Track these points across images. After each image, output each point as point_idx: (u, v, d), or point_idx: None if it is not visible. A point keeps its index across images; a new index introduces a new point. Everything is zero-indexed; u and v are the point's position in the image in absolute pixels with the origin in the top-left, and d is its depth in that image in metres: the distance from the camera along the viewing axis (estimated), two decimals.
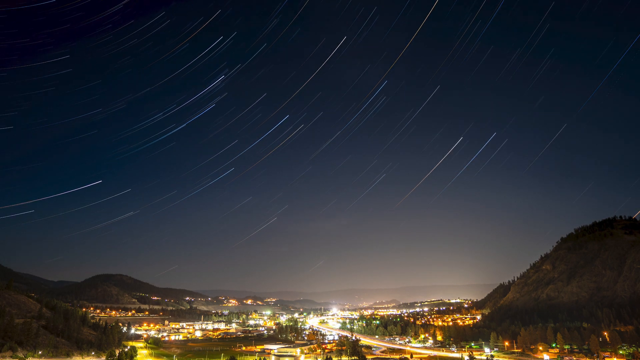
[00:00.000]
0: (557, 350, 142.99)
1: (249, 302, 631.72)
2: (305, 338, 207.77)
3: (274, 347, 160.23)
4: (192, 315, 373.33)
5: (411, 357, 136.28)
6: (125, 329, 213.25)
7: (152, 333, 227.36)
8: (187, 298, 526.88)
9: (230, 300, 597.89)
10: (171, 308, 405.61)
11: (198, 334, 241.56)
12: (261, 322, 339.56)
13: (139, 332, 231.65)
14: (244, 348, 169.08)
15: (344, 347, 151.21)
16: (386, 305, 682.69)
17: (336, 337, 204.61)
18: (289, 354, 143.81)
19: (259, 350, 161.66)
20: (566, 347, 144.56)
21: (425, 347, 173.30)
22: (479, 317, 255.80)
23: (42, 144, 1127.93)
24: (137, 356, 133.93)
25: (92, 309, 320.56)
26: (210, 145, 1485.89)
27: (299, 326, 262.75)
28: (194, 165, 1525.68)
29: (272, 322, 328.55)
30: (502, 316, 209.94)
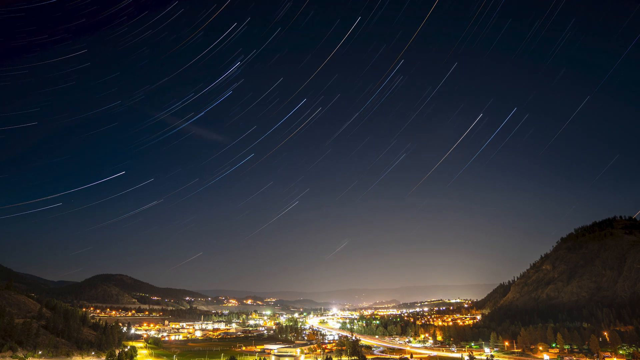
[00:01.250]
0: (557, 350, 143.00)
1: (249, 302, 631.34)
2: (305, 338, 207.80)
3: (274, 347, 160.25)
4: (192, 315, 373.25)
5: (411, 357, 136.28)
6: (125, 329, 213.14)
7: (152, 333, 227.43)
8: (187, 298, 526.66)
9: (230, 300, 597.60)
10: (171, 308, 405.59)
11: (198, 334, 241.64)
12: (261, 322, 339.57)
13: (139, 332, 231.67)
14: (244, 348, 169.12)
15: (344, 347, 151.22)
16: (386, 305, 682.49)
17: (336, 337, 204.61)
18: (289, 354, 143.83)
19: (259, 350, 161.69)
20: (566, 347, 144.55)
21: (425, 347, 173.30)
22: (479, 317, 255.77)
23: (65, 138, 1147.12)
24: (137, 356, 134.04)
25: (92, 309, 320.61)
26: (229, 132, 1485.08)
27: (299, 326, 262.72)
28: (214, 153, 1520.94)
29: (272, 322, 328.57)
30: (502, 316, 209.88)
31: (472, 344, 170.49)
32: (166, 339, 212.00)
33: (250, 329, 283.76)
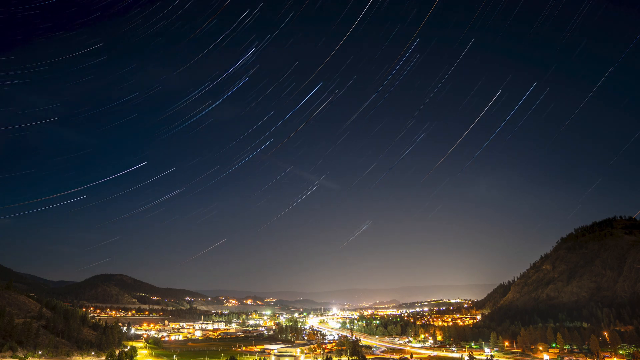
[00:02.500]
0: (557, 350, 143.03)
1: (249, 302, 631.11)
2: (305, 338, 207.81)
3: (274, 347, 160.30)
4: (192, 315, 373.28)
5: (411, 357, 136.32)
6: (125, 329, 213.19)
7: (152, 333, 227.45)
8: (187, 298, 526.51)
9: (230, 300, 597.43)
10: (171, 308, 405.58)
11: (198, 334, 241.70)
12: (261, 322, 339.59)
13: (139, 332, 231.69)
14: (244, 348, 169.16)
15: (344, 347, 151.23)
16: (386, 305, 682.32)
17: (336, 337, 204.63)
18: (289, 354, 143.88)
19: (259, 350, 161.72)
20: (566, 347, 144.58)
21: (425, 347, 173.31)
22: (479, 317, 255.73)
23: (87, 131, 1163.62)
24: (137, 356, 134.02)
25: (92, 309, 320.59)
26: (247, 119, 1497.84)
27: (299, 326, 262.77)
28: (233, 140, 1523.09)
29: (272, 322, 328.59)
30: (502, 316, 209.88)
31: (472, 344, 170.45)
32: (166, 339, 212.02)
33: (250, 329, 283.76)
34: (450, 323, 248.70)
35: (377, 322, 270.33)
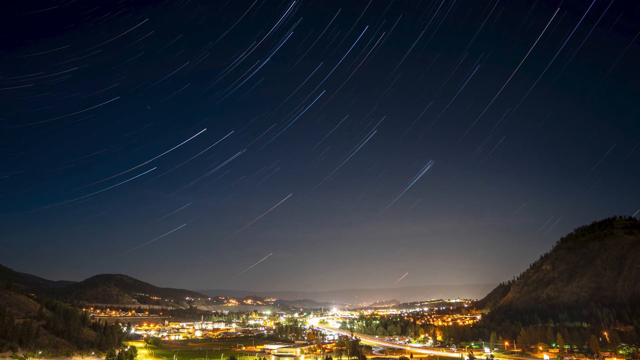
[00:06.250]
0: (557, 350, 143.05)
1: (249, 302, 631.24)
2: (305, 338, 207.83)
3: (274, 347, 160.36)
4: (192, 315, 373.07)
5: (411, 357, 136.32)
6: (125, 329, 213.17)
7: (152, 333, 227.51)
8: (187, 298, 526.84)
9: (230, 300, 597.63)
10: (171, 308, 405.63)
11: (198, 334, 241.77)
12: (261, 322, 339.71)
13: (139, 332, 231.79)
14: (244, 348, 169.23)
15: (344, 347, 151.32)
16: (386, 305, 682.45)
17: (336, 337, 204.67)
18: (289, 354, 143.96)
19: (259, 350, 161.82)
20: (566, 347, 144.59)
21: (425, 347, 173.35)
22: (479, 317, 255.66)
23: (146, 106, 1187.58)
24: (137, 356, 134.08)
25: (92, 309, 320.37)
26: (298, 73, 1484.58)
27: (299, 326, 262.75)
28: (286, 96, 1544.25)
29: (272, 322, 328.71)
30: (502, 316, 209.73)
31: (472, 344, 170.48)
32: (166, 339, 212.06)
33: (250, 329, 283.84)
34: (450, 323, 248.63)
35: (377, 322, 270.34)
